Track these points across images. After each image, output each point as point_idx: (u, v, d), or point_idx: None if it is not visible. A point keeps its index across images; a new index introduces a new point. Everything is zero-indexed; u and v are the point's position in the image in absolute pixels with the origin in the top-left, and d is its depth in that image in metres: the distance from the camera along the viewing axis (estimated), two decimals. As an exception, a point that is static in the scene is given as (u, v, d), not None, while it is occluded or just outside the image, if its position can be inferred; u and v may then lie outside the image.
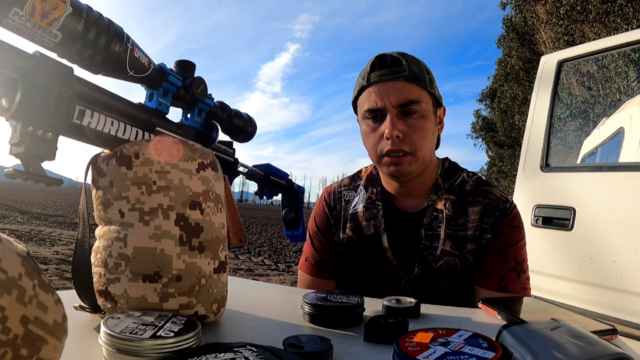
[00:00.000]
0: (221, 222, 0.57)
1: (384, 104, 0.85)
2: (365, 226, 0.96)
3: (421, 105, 0.86)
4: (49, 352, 0.29)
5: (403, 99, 0.85)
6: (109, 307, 0.50)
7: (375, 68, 0.87)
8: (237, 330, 0.55)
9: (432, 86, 0.89)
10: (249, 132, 0.73)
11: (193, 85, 0.57)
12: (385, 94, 0.85)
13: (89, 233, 0.54)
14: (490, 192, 0.91)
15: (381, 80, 0.86)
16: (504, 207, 0.89)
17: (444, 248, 0.87)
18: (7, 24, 0.36)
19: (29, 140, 0.38)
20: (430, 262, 0.88)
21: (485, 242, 0.87)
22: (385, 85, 0.86)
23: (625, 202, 1.70)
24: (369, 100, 0.88)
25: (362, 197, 0.99)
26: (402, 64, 0.86)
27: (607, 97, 3.09)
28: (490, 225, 0.87)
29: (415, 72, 0.86)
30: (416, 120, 0.86)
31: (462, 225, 0.88)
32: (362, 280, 0.96)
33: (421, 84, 0.86)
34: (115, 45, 0.45)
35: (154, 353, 0.39)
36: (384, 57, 0.87)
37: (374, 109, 0.87)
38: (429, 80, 0.88)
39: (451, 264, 0.87)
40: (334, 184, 1.08)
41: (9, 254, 0.28)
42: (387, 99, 0.85)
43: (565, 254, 1.89)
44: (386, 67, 0.86)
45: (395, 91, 0.85)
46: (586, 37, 10.14)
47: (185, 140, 0.55)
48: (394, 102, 0.85)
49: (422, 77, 0.87)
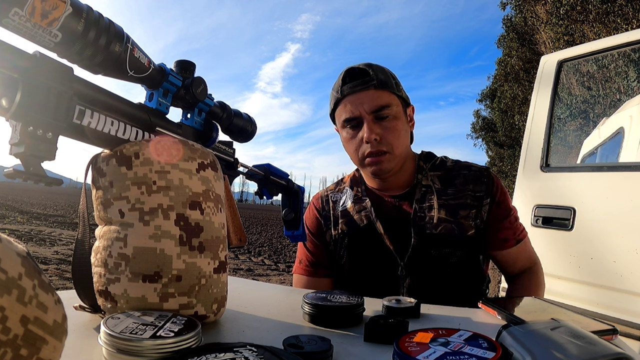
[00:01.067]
0: (221, 222, 0.57)
1: (359, 112, 0.94)
2: (357, 219, 1.01)
3: (392, 109, 0.94)
4: (49, 352, 0.29)
5: (375, 105, 0.93)
6: (109, 307, 0.50)
7: (347, 81, 0.96)
8: (237, 330, 0.55)
9: (399, 89, 0.98)
10: (249, 132, 0.73)
11: (193, 85, 0.58)
12: (359, 103, 0.94)
13: (89, 233, 0.54)
14: (470, 165, 1.02)
15: (353, 91, 0.95)
16: (489, 174, 1.00)
17: (439, 216, 0.95)
18: (7, 24, 0.36)
19: (29, 140, 0.38)
20: (429, 230, 0.94)
21: (487, 207, 0.97)
22: (357, 96, 0.94)
23: (625, 202, 1.70)
24: (345, 111, 0.96)
25: (348, 194, 1.06)
26: (370, 74, 0.94)
27: (607, 97, 3.09)
28: (485, 192, 0.98)
29: (382, 79, 0.94)
30: (389, 122, 0.94)
31: (452, 195, 0.97)
32: (359, 273, 0.99)
33: (389, 89, 0.95)
34: (115, 45, 0.45)
35: (154, 353, 0.39)
36: (352, 70, 0.96)
37: (351, 118, 0.95)
38: (396, 85, 0.97)
39: (449, 229, 0.94)
40: (321, 190, 1.15)
41: (9, 254, 0.28)
42: (362, 107, 0.93)
43: (565, 254, 1.89)
44: (356, 79, 0.95)
45: (367, 99, 0.93)
46: (586, 37, 10.14)
47: (185, 140, 0.55)
48: (368, 110, 0.93)
49: (389, 83, 0.95)
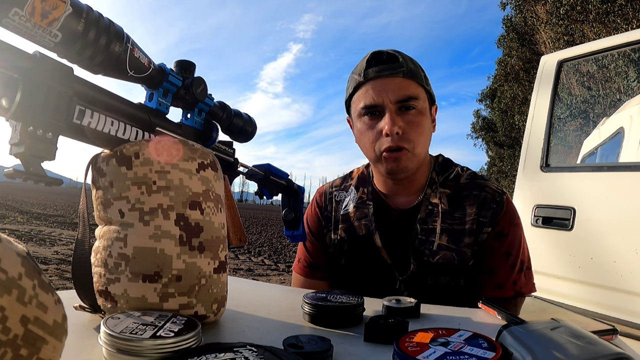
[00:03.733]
0: (221, 222, 0.57)
1: (382, 100, 0.84)
2: (357, 226, 0.95)
3: (419, 102, 0.85)
4: (49, 352, 0.29)
5: (402, 95, 0.83)
6: (109, 307, 0.50)
7: (372, 64, 0.86)
8: (237, 330, 0.55)
9: (427, 83, 0.89)
10: (249, 132, 0.73)
11: (193, 85, 0.57)
12: (384, 90, 0.84)
13: (89, 233, 0.54)
14: (485, 185, 0.90)
15: (379, 76, 0.85)
16: (500, 200, 0.88)
17: (440, 242, 0.86)
18: (7, 24, 0.36)
19: (29, 140, 0.38)
20: (427, 257, 0.86)
21: (485, 236, 0.86)
22: (383, 81, 0.84)
23: (625, 202, 1.70)
24: (366, 96, 0.86)
25: (352, 197, 0.98)
26: (399, 60, 0.85)
27: (607, 97, 3.09)
28: (489, 219, 0.86)
29: (412, 68, 0.86)
30: (414, 116, 0.85)
31: (458, 219, 0.87)
32: (356, 282, 0.95)
33: (418, 80, 0.86)
34: (115, 45, 0.45)
35: (154, 353, 0.39)
36: (380, 54, 0.86)
37: (371, 105, 0.86)
38: (424, 77, 0.88)
39: (448, 258, 0.86)
40: (326, 185, 1.07)
41: (9, 254, 0.28)
42: (386, 95, 0.84)
43: (565, 254, 1.89)
44: (383, 63, 0.85)
45: (393, 87, 0.84)
46: (586, 37, 10.14)
47: (185, 140, 0.55)
48: (393, 98, 0.83)
49: (419, 74, 0.87)
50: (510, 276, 0.86)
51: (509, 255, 0.86)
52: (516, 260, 0.87)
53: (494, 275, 0.86)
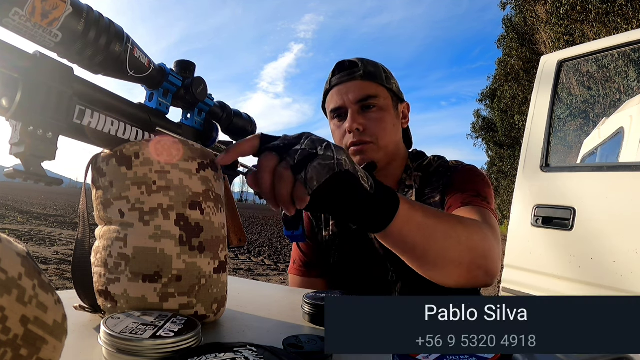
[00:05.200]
0: (221, 222, 0.57)
1: (344, 102, 0.93)
2: None
3: (379, 100, 0.92)
4: (49, 352, 0.29)
5: (360, 95, 0.91)
6: (109, 307, 0.50)
7: (336, 73, 0.95)
8: (237, 330, 0.55)
9: (389, 82, 0.95)
10: (248, 132, 0.73)
11: (193, 85, 0.57)
12: (345, 92, 0.93)
13: (89, 233, 0.54)
14: (447, 162, 0.97)
15: (340, 82, 0.94)
16: (456, 166, 0.94)
17: None
18: (8, 24, 0.36)
19: (29, 140, 0.38)
20: None
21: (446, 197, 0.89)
22: (344, 86, 0.93)
23: (625, 202, 1.70)
24: (331, 101, 0.96)
25: None
26: (358, 65, 0.93)
27: (607, 97, 3.09)
28: (445, 182, 0.91)
29: (370, 70, 0.93)
30: (375, 113, 0.92)
31: (428, 195, 0.93)
32: (350, 275, 0.98)
33: (377, 80, 0.93)
34: (115, 45, 0.45)
35: (154, 353, 0.39)
36: (342, 63, 0.96)
37: (336, 108, 0.95)
38: (386, 78, 0.95)
39: None
40: None
41: (9, 254, 0.28)
42: (347, 97, 0.92)
43: (565, 254, 1.89)
44: (344, 70, 0.94)
45: (352, 89, 0.92)
46: (586, 37, 10.14)
47: (185, 140, 0.55)
48: (353, 99, 0.92)
49: (378, 75, 0.94)
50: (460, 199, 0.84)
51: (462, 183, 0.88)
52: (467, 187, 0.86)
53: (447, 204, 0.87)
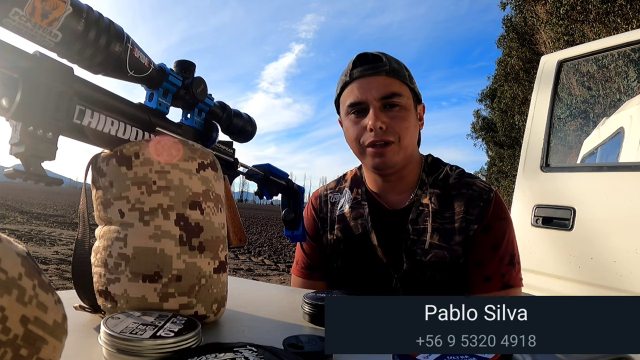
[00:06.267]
0: (221, 222, 0.57)
1: (366, 97, 0.87)
2: (353, 226, 0.96)
3: (403, 99, 0.88)
4: (49, 352, 0.29)
5: (385, 92, 0.87)
6: (109, 307, 0.50)
7: (357, 65, 0.90)
8: (237, 330, 0.55)
9: (411, 81, 0.92)
10: (248, 132, 0.73)
11: (193, 85, 0.58)
12: (368, 88, 0.87)
13: (89, 233, 0.54)
14: (473, 183, 0.92)
15: (363, 75, 0.88)
16: (487, 197, 0.90)
17: (432, 241, 0.88)
18: (7, 24, 0.36)
19: (29, 140, 0.38)
20: (419, 256, 0.88)
21: (472, 233, 0.88)
22: (367, 80, 0.88)
23: (625, 202, 1.70)
24: (351, 95, 0.90)
25: (347, 198, 1.00)
26: (383, 59, 0.88)
27: (607, 97, 3.09)
28: (476, 216, 0.88)
29: (395, 67, 0.89)
30: (398, 112, 0.88)
31: (448, 219, 0.89)
32: (353, 280, 0.97)
33: (401, 78, 0.89)
34: (115, 45, 0.45)
35: (154, 353, 0.39)
36: (365, 55, 0.90)
37: (356, 103, 0.89)
38: (409, 76, 0.91)
39: (440, 256, 0.87)
40: (321, 188, 1.09)
41: (9, 254, 0.28)
42: (370, 93, 0.87)
43: (565, 254, 1.89)
44: (368, 63, 0.89)
45: (377, 85, 0.87)
46: (586, 37, 10.14)
47: (185, 140, 0.55)
48: (377, 95, 0.87)
49: (402, 73, 0.90)
50: (498, 269, 0.87)
51: (497, 248, 0.88)
52: (505, 253, 0.88)
53: (483, 268, 0.88)
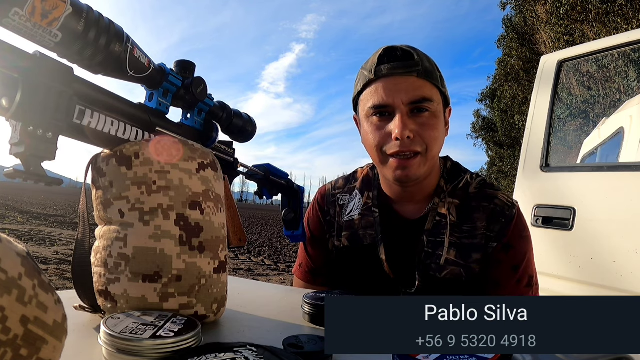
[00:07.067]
0: (221, 222, 0.57)
1: (393, 100, 0.77)
2: (362, 235, 0.89)
3: (433, 104, 0.78)
4: (49, 352, 0.29)
5: (416, 96, 0.76)
6: (109, 307, 0.50)
7: (385, 61, 0.78)
8: (237, 330, 0.55)
9: (443, 85, 0.82)
10: (248, 132, 0.73)
11: (193, 85, 0.58)
12: (396, 89, 0.77)
13: (89, 233, 0.54)
14: (495, 196, 0.84)
15: (391, 74, 0.77)
16: (510, 213, 0.82)
17: (448, 257, 0.80)
18: (7, 24, 0.36)
19: (29, 140, 0.38)
20: (433, 272, 0.81)
21: (491, 250, 0.81)
22: (395, 80, 0.77)
23: (625, 202, 1.70)
24: (376, 95, 0.79)
25: (357, 202, 0.92)
26: (415, 57, 0.77)
27: (607, 97, 3.09)
28: (497, 234, 0.81)
29: (427, 67, 0.78)
30: (428, 119, 0.78)
31: (467, 233, 0.81)
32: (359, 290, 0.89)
33: (434, 81, 0.79)
34: (115, 45, 0.45)
35: (154, 353, 0.39)
36: (393, 49, 0.79)
37: (381, 105, 0.78)
38: (440, 78, 0.81)
39: (456, 274, 0.80)
40: (328, 185, 1.00)
41: (9, 254, 0.28)
42: (398, 96, 0.76)
43: (565, 254, 1.89)
44: (397, 60, 0.77)
45: (407, 87, 0.76)
46: (586, 37, 10.15)
47: (185, 140, 0.55)
48: (406, 100, 0.76)
49: (435, 75, 0.79)
50: (516, 290, 0.81)
51: (516, 268, 0.81)
52: (523, 274, 0.82)
53: (500, 289, 0.81)
